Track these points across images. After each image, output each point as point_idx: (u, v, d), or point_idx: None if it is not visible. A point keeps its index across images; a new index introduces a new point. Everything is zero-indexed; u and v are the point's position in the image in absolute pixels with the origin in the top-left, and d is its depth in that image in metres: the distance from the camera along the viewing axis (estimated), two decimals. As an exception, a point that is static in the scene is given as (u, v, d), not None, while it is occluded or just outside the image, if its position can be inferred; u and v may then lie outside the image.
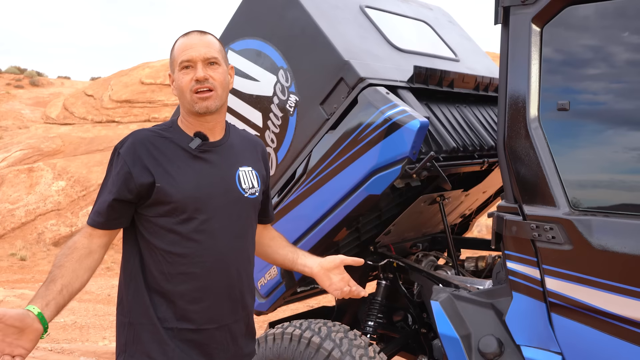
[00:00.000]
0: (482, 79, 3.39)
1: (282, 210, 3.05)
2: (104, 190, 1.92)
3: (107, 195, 1.90)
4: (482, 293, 2.66)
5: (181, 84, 1.95)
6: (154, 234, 1.91)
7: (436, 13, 4.10)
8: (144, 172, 1.88)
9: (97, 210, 1.92)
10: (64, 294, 1.80)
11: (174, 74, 1.98)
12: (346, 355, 2.77)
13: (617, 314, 2.13)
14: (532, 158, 2.31)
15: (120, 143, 1.96)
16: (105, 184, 1.93)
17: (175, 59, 1.98)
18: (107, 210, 1.89)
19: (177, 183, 1.90)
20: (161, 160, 1.91)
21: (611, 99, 2.28)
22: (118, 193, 1.88)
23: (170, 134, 1.96)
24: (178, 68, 1.96)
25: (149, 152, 1.91)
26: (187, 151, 1.94)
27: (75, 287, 1.82)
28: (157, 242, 1.91)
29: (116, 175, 1.89)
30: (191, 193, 1.91)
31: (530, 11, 2.32)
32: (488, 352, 2.48)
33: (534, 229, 2.29)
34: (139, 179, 1.87)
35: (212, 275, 1.93)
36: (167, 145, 1.94)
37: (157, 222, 1.91)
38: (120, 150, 1.91)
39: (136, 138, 1.92)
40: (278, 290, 3.20)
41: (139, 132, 1.96)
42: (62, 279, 1.80)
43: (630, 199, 2.27)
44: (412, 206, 3.25)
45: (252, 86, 3.17)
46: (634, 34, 2.20)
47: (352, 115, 2.78)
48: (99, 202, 1.93)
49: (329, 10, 3.08)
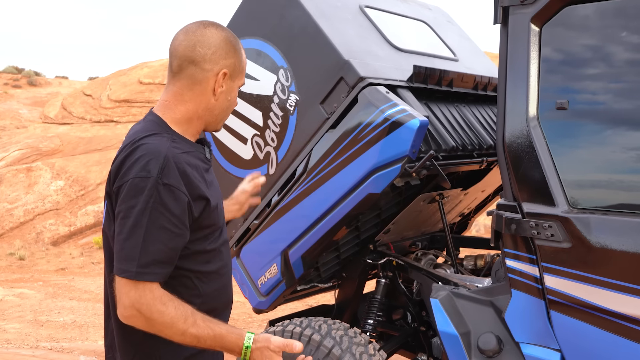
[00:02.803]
0: (481, 78, 3.41)
1: (282, 209, 3.06)
2: (156, 234, 1.58)
3: (171, 240, 1.60)
4: (482, 291, 2.68)
5: (235, 102, 1.86)
6: (183, 258, 1.69)
7: (435, 13, 4.12)
8: (200, 198, 1.68)
9: (157, 260, 1.59)
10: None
11: (232, 82, 1.80)
12: (346, 352, 2.78)
13: (616, 311, 2.15)
14: (531, 157, 2.32)
15: (155, 169, 1.59)
16: (155, 225, 1.58)
17: (243, 69, 1.83)
18: (174, 255, 1.64)
19: (218, 200, 1.79)
20: (200, 180, 1.71)
21: (610, 99, 2.30)
22: (184, 232, 1.63)
23: (186, 147, 1.73)
24: (240, 83, 1.83)
25: (191, 174, 1.67)
26: (204, 162, 1.80)
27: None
28: (190, 265, 1.72)
29: (177, 210, 1.60)
30: (222, 209, 1.84)
31: (529, 11, 2.33)
32: (487, 349, 2.50)
33: (533, 227, 2.31)
34: (198, 207, 1.67)
35: (229, 282, 1.93)
36: (193, 161, 1.72)
37: (192, 248, 1.70)
38: (166, 180, 1.59)
39: (172, 160, 1.62)
40: (278, 289, 3.21)
41: (168, 153, 1.63)
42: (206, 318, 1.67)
43: (629, 198, 2.29)
44: (411, 205, 3.27)
45: (252, 85, 3.18)
46: (632, 34, 2.21)
47: (352, 114, 2.79)
48: (153, 250, 1.58)
49: (329, 10, 3.09)
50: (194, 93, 1.75)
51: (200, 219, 1.69)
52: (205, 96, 1.76)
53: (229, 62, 1.76)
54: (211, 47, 1.73)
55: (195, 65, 1.73)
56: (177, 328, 1.60)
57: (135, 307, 1.58)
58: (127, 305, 1.59)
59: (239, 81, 1.83)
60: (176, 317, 1.60)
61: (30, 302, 8.25)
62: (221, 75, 1.75)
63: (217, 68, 1.74)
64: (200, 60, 1.72)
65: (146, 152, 1.61)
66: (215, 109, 1.80)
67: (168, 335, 1.61)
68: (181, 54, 1.74)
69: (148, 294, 1.58)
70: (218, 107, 1.80)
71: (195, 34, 1.74)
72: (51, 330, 6.88)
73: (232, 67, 1.77)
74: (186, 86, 1.75)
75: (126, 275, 1.57)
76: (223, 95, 1.79)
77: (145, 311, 1.58)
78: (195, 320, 1.62)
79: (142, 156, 1.61)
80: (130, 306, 1.58)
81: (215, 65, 1.74)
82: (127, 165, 1.61)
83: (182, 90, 1.76)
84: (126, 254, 1.58)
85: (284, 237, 3.08)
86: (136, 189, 1.58)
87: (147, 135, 1.67)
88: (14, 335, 6.54)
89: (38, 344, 6.16)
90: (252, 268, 3.29)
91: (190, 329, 1.61)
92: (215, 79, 1.75)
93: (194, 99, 1.76)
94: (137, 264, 1.57)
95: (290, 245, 3.06)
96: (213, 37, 1.74)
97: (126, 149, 1.65)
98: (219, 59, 1.74)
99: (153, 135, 1.68)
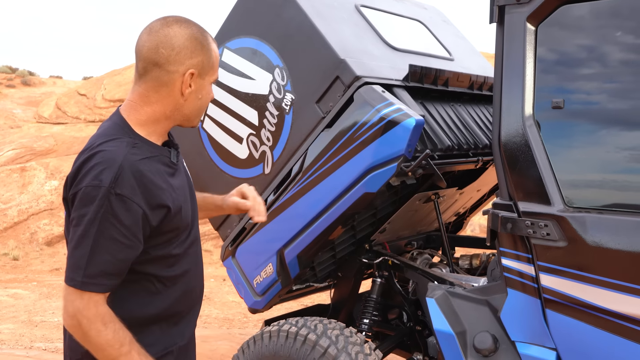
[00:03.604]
0: (477, 77, 3.42)
1: (277, 208, 3.06)
2: (104, 245, 1.55)
3: (120, 251, 1.57)
4: (477, 290, 2.68)
5: (209, 98, 1.79)
6: (145, 263, 1.67)
7: (430, 12, 4.12)
8: (160, 207, 1.63)
9: (104, 271, 1.56)
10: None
11: (202, 80, 1.74)
12: (342, 352, 2.78)
13: (611, 310, 2.15)
14: (526, 156, 2.33)
15: (107, 179, 1.55)
16: (104, 235, 1.55)
17: (214, 65, 1.76)
18: (123, 267, 1.60)
19: (183, 202, 1.74)
20: (161, 187, 1.65)
21: (605, 98, 2.30)
22: (135, 244, 1.59)
23: (148, 152, 1.68)
24: (213, 79, 1.77)
25: (149, 182, 1.62)
26: (169, 166, 1.74)
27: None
28: (152, 269, 1.69)
29: (129, 221, 1.56)
30: (187, 210, 1.78)
31: (525, 10, 2.34)
32: (483, 348, 2.50)
33: (528, 226, 2.31)
34: (157, 215, 1.63)
35: (199, 282, 1.89)
36: (154, 167, 1.67)
37: (154, 253, 1.68)
38: (118, 190, 1.55)
39: (128, 169, 1.57)
40: (274, 288, 3.21)
41: (124, 161, 1.58)
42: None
43: (624, 197, 2.30)
44: (407, 204, 3.27)
45: (247, 84, 3.18)
46: (627, 34, 2.22)
47: (348, 113, 2.79)
48: (100, 261, 1.55)
49: (324, 9, 3.09)
50: (160, 95, 1.70)
51: (160, 226, 1.65)
52: (173, 97, 1.70)
53: (196, 61, 1.69)
54: (175, 47, 1.66)
55: (159, 67, 1.66)
56: (108, 352, 1.57)
57: (77, 318, 1.56)
58: (70, 314, 1.57)
59: (211, 77, 1.76)
60: (112, 341, 1.56)
61: (25, 303, 8.22)
62: (188, 76, 1.68)
63: (183, 69, 1.68)
64: (164, 62, 1.66)
65: (102, 160, 1.57)
66: (185, 108, 1.74)
67: (99, 357, 1.59)
68: (145, 56, 1.67)
69: (92, 308, 1.56)
70: (188, 107, 1.74)
71: (158, 34, 1.67)
72: (45, 330, 6.85)
73: (199, 65, 1.70)
74: (152, 88, 1.69)
75: (72, 284, 1.55)
76: (192, 95, 1.73)
77: (85, 325, 1.56)
78: (131, 350, 1.59)
79: (97, 164, 1.57)
80: (72, 315, 1.57)
81: (180, 66, 1.67)
82: (83, 173, 1.58)
83: (147, 92, 1.70)
84: (74, 262, 1.56)
85: (280, 237, 3.08)
86: (88, 197, 1.55)
87: (106, 141, 1.63)
88: (8, 335, 6.51)
89: (32, 344, 6.13)
90: (248, 268, 3.29)
91: (122, 358, 1.57)
92: (181, 80, 1.69)
93: (161, 100, 1.70)
94: (83, 274, 1.54)
95: (286, 244, 3.06)
96: (177, 37, 1.67)
97: (84, 154, 1.62)
98: (184, 59, 1.67)
99: (112, 141, 1.63)
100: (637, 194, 2.27)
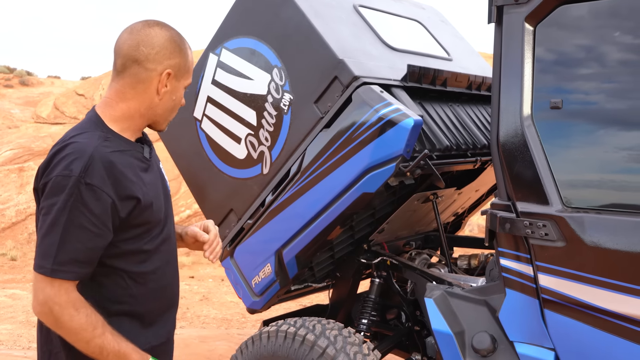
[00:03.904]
0: (475, 78, 3.42)
1: (276, 208, 3.06)
2: (74, 233, 1.58)
3: (90, 240, 1.60)
4: (476, 290, 2.69)
5: (181, 103, 1.86)
6: (115, 257, 1.70)
7: (429, 12, 4.13)
8: (129, 198, 1.67)
9: (74, 259, 1.59)
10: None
11: (177, 82, 1.80)
12: (340, 352, 2.78)
13: (609, 310, 2.16)
14: (525, 156, 2.33)
15: (77, 168, 1.59)
16: (74, 223, 1.58)
17: (189, 70, 1.82)
18: (93, 255, 1.63)
19: (154, 198, 1.77)
20: (131, 180, 1.70)
21: (603, 98, 2.31)
22: (104, 232, 1.63)
23: (120, 146, 1.73)
24: (186, 83, 1.83)
25: (119, 174, 1.66)
26: (142, 161, 1.79)
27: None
28: (123, 265, 1.72)
29: (98, 210, 1.60)
30: (160, 206, 1.81)
31: (523, 10, 2.34)
32: (482, 348, 2.51)
33: (527, 226, 2.31)
34: (126, 206, 1.66)
35: (174, 279, 1.90)
36: (126, 161, 1.71)
37: (124, 247, 1.70)
38: (88, 180, 1.59)
39: (98, 159, 1.62)
40: (272, 289, 3.21)
41: (94, 152, 1.62)
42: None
43: (622, 197, 2.30)
44: (405, 204, 3.27)
45: (246, 85, 3.18)
46: (625, 34, 2.22)
47: (347, 113, 2.79)
48: (70, 249, 1.58)
49: (323, 9, 3.09)
50: (137, 92, 1.75)
51: (129, 219, 1.69)
52: (148, 95, 1.76)
53: (174, 62, 1.76)
54: (155, 46, 1.73)
55: (138, 64, 1.73)
56: (82, 336, 1.60)
57: (48, 305, 1.59)
58: (40, 301, 1.60)
59: (185, 81, 1.82)
60: (85, 325, 1.60)
61: (23, 303, 8.20)
62: (165, 76, 1.75)
63: (161, 68, 1.74)
64: (143, 59, 1.72)
65: (73, 151, 1.62)
66: (159, 108, 1.79)
67: (72, 339, 1.62)
68: (125, 52, 1.73)
69: (63, 295, 1.59)
70: (161, 107, 1.80)
71: (139, 34, 1.74)
72: (43, 331, 6.84)
73: (176, 67, 1.77)
74: (129, 84, 1.75)
75: (42, 272, 1.59)
76: (167, 95, 1.78)
77: (57, 312, 1.59)
78: (104, 332, 1.62)
79: (68, 154, 1.61)
80: (43, 303, 1.60)
81: (159, 65, 1.74)
82: (54, 163, 1.62)
83: (124, 88, 1.75)
84: (43, 250, 1.59)
85: (278, 237, 3.08)
86: (58, 187, 1.58)
87: (79, 134, 1.68)
88: (6, 336, 6.50)
89: (30, 345, 6.12)
90: (246, 268, 3.29)
91: (97, 339, 1.61)
92: (158, 79, 1.75)
93: (136, 97, 1.76)
94: (53, 261, 1.58)
95: (284, 244, 3.06)
96: (157, 37, 1.74)
97: (56, 146, 1.66)
98: (162, 58, 1.74)
99: (84, 134, 1.69)
100: (635, 194, 2.27)
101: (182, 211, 12.12)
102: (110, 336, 1.63)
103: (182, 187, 12.57)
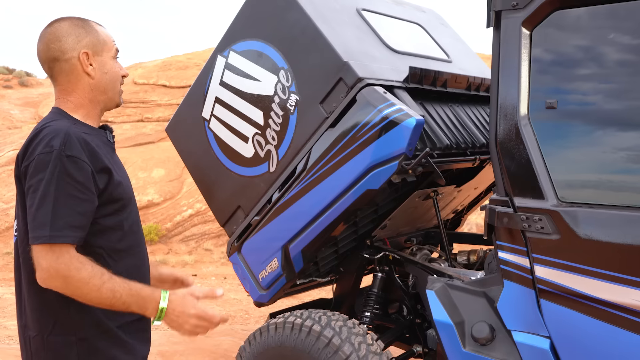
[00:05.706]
0: (474, 79, 3.51)
1: (282, 205, 3.15)
2: (64, 201, 1.68)
3: (79, 205, 1.71)
4: (475, 282, 2.79)
5: (118, 72, 1.96)
6: (96, 234, 1.80)
7: (429, 15, 4.21)
8: (104, 170, 1.80)
9: (69, 223, 1.68)
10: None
11: (100, 57, 1.91)
12: (345, 342, 2.87)
13: (602, 299, 2.26)
14: (522, 154, 2.43)
15: (57, 144, 1.71)
16: (63, 192, 1.69)
17: (105, 41, 1.93)
18: (85, 220, 1.73)
19: (122, 178, 1.90)
20: (104, 156, 1.83)
21: (597, 99, 2.41)
22: (91, 197, 1.74)
23: (87, 130, 1.86)
24: (112, 54, 1.95)
25: (93, 149, 1.79)
26: (108, 145, 1.94)
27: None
28: (102, 242, 1.82)
29: (81, 178, 1.72)
30: (128, 186, 1.94)
31: (520, 15, 2.44)
32: (480, 337, 2.61)
33: (523, 220, 2.42)
34: (102, 178, 1.79)
35: (145, 262, 2.01)
36: (95, 141, 1.84)
37: (103, 223, 1.81)
38: (68, 152, 1.71)
39: (73, 135, 1.74)
40: (278, 282, 3.30)
41: (68, 130, 1.75)
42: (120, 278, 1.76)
43: (613, 192, 2.40)
44: (407, 201, 3.37)
45: (253, 86, 3.27)
46: (616, 38, 2.33)
47: (351, 113, 2.88)
48: (63, 214, 1.68)
49: (327, 12, 3.18)
50: (73, 83, 1.90)
51: (107, 192, 1.80)
52: (83, 80, 1.90)
53: (85, 42, 1.89)
54: (61, 38, 1.87)
55: (58, 61, 1.88)
56: (93, 283, 1.68)
57: (53, 268, 1.67)
58: (44, 267, 1.68)
59: (108, 53, 1.94)
60: (93, 273, 1.69)
61: (28, 301, 8.27)
62: (83, 56, 1.88)
63: (76, 53, 1.88)
64: (59, 54, 1.87)
65: (49, 132, 1.75)
66: (100, 85, 1.92)
67: (85, 291, 1.69)
68: (43, 58, 1.90)
69: (65, 255, 1.68)
70: (101, 84, 1.93)
71: (44, 36, 1.89)
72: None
73: (90, 45, 1.90)
74: (64, 81, 1.90)
75: (41, 241, 1.67)
76: (98, 72, 1.91)
77: (63, 269, 1.67)
78: (111, 276, 1.73)
79: (45, 135, 1.74)
80: (47, 268, 1.68)
81: (73, 52, 1.88)
82: (33, 145, 1.74)
83: (63, 85, 1.91)
84: (38, 222, 1.68)
85: (285, 233, 3.17)
86: (42, 163, 1.70)
87: (50, 122, 1.82)
88: (15, 331, 6.59)
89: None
90: (254, 263, 3.37)
91: (107, 284, 1.70)
92: (80, 63, 1.89)
93: (76, 87, 1.90)
94: (50, 229, 1.66)
95: (291, 240, 3.15)
96: (59, 30, 1.88)
97: (31, 134, 1.79)
98: (73, 44, 1.88)
99: (54, 121, 1.82)
100: (626, 190, 2.38)
101: (184, 210, 12.18)
102: (118, 279, 1.74)
103: (184, 187, 12.64)
